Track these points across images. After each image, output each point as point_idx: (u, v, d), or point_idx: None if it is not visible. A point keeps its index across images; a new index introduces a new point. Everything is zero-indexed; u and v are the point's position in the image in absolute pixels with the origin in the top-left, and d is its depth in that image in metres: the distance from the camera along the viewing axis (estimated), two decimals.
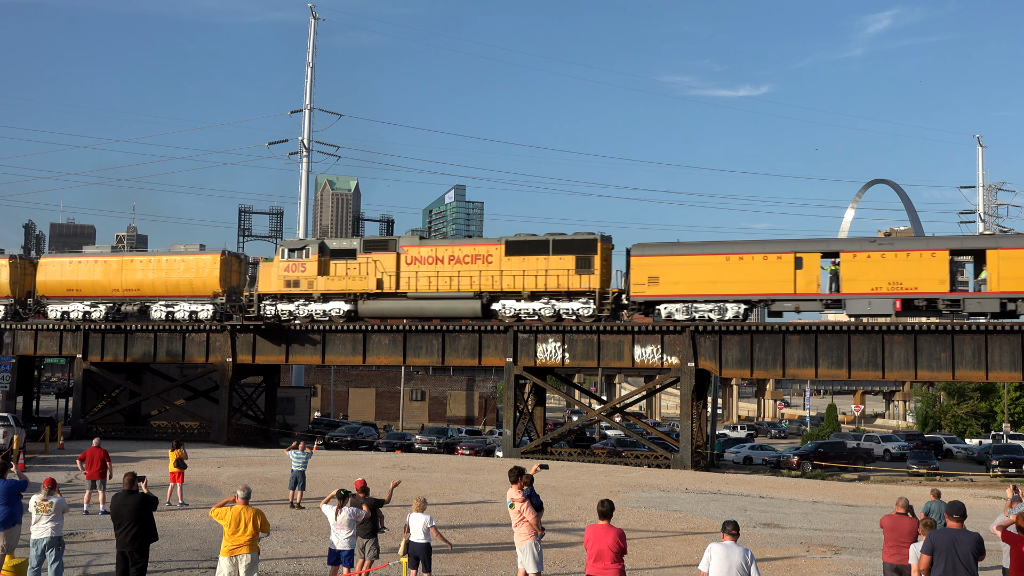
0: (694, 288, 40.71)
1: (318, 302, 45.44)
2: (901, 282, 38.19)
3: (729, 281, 40.28)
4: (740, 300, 40.33)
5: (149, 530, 12.63)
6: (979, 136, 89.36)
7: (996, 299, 37.37)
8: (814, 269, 39.53)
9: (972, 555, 9.89)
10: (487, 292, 43.06)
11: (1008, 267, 37.23)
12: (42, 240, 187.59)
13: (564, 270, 41.86)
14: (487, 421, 79.21)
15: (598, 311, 41.70)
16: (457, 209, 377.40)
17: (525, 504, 13.37)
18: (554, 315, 42.35)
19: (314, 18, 73.75)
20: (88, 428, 47.57)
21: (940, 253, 38.10)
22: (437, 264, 43.90)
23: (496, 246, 43.48)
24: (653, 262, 41.18)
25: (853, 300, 38.72)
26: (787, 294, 39.64)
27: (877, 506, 28.74)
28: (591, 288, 41.62)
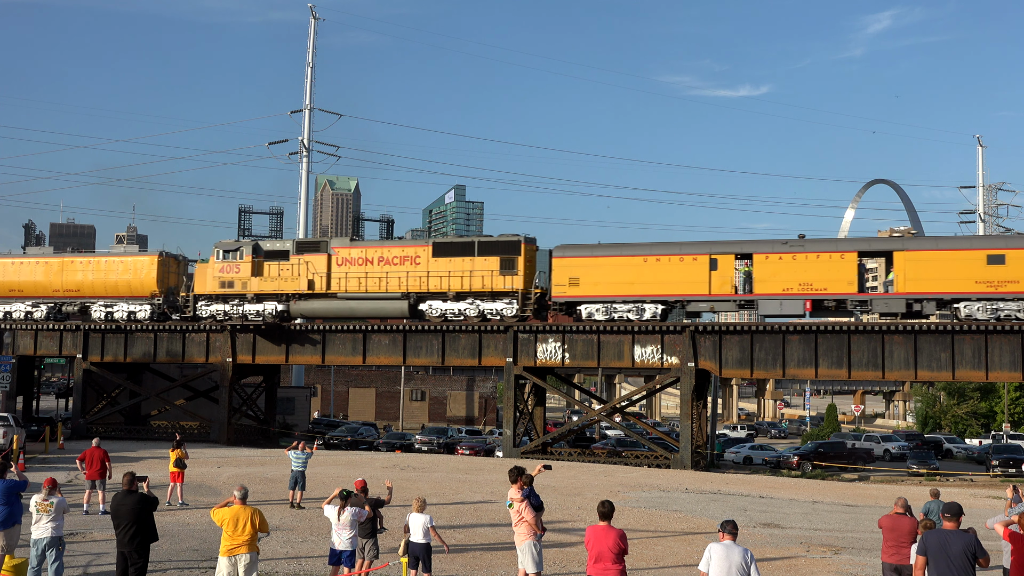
0: (613, 289, 41.62)
1: (252, 303, 46.36)
2: (811, 283, 39.14)
3: (647, 282, 41.21)
4: (658, 301, 41.28)
5: (148, 530, 12.61)
6: (979, 136, 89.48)
7: (902, 300, 38.46)
8: (728, 270, 40.35)
9: (965, 555, 9.89)
10: (414, 293, 44.01)
11: (913, 268, 38.32)
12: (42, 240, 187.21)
13: (489, 271, 42.78)
14: (487, 421, 79.20)
15: (521, 311, 42.56)
16: (457, 209, 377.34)
17: (524, 504, 13.38)
18: (478, 315, 43.23)
19: (314, 18, 73.78)
20: (88, 428, 47.57)
21: (849, 255, 39.12)
22: (367, 265, 44.84)
23: (424, 248, 44.52)
24: (574, 263, 42.12)
25: (765, 301, 39.72)
26: (702, 295, 40.57)
27: (877, 506, 28.73)
28: (514, 289, 42.51)
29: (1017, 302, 37.37)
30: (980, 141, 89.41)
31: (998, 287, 37.41)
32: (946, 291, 38.00)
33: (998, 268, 37.41)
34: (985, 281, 37.52)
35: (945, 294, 38.08)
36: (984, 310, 37.73)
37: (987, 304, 37.69)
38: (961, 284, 37.75)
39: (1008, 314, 37.50)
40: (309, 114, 72.89)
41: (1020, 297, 37.26)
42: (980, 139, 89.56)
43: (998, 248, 38.04)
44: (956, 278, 37.78)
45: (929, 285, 38.10)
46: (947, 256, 38.18)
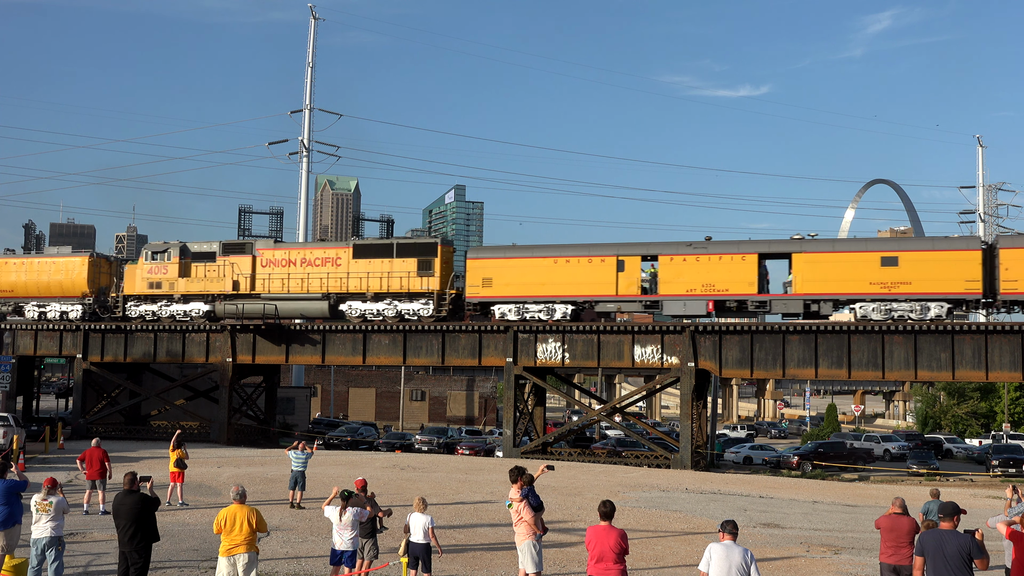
0: (524, 290, 42.55)
1: (179, 303, 47.42)
2: (714, 284, 40.12)
3: (557, 283, 42.10)
4: (567, 301, 42.09)
5: (149, 530, 12.60)
6: (979, 136, 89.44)
7: (800, 300, 39.38)
8: (635, 272, 41.29)
9: (960, 556, 9.90)
10: (335, 293, 44.97)
11: (811, 270, 39.23)
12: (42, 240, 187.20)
13: (406, 272, 43.82)
14: (487, 421, 79.18)
15: (437, 311, 43.46)
16: (457, 209, 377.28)
17: (523, 503, 13.38)
18: (396, 315, 44.10)
19: (314, 18, 73.77)
20: (88, 428, 47.56)
21: (750, 257, 40.01)
22: (290, 267, 45.91)
23: (344, 249, 45.50)
24: (487, 265, 43.14)
25: (669, 301, 40.66)
26: (610, 295, 41.46)
27: (877, 506, 28.72)
28: (431, 289, 43.49)
29: (909, 303, 38.36)
30: (980, 141, 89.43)
31: (892, 288, 38.36)
32: (842, 292, 39.01)
33: (892, 270, 38.36)
34: (879, 282, 38.45)
35: (841, 295, 39.09)
36: (879, 311, 38.64)
37: (881, 305, 38.61)
38: (856, 285, 38.69)
39: (901, 315, 38.42)
40: (309, 114, 72.89)
41: (912, 298, 38.27)
42: (980, 139, 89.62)
43: (891, 250, 39.00)
44: (852, 279, 38.71)
45: (826, 286, 39.03)
46: (843, 258, 39.13)
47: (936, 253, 38.35)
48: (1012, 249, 37.54)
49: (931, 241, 39.67)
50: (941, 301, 38.17)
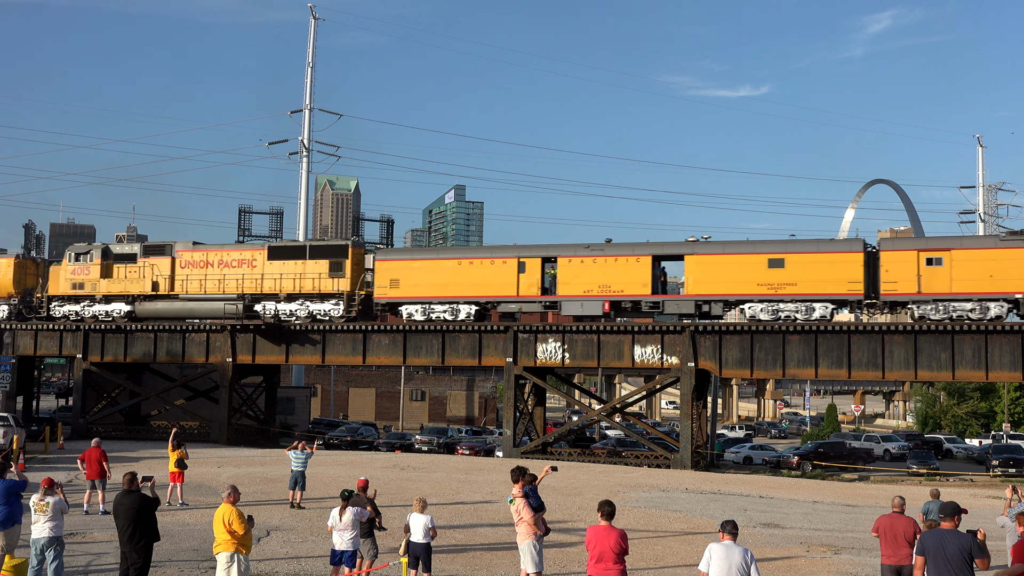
0: (430, 290, 43.73)
1: (101, 303, 48.23)
2: (610, 285, 41.19)
3: (461, 284, 43.27)
4: (471, 302, 43.23)
5: (149, 530, 12.61)
6: (979, 136, 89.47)
7: (691, 301, 40.56)
8: (535, 273, 42.37)
9: (961, 555, 9.89)
10: (249, 294, 45.95)
11: (702, 271, 40.46)
12: (42, 240, 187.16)
13: (318, 274, 44.86)
14: (487, 421, 79.16)
15: (347, 312, 44.33)
16: (457, 209, 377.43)
17: (523, 503, 13.36)
18: (308, 316, 45.11)
19: (314, 18, 73.79)
20: (88, 428, 47.55)
21: (644, 259, 41.09)
22: (207, 268, 46.96)
23: (260, 251, 46.75)
24: (394, 266, 44.35)
25: (568, 302, 41.76)
26: (511, 296, 42.58)
27: (877, 506, 28.71)
28: (341, 290, 44.43)
29: (795, 303, 39.36)
30: (980, 141, 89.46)
31: (778, 289, 39.36)
32: (731, 293, 40.09)
33: (778, 271, 39.39)
34: (766, 283, 39.50)
35: (730, 296, 40.16)
36: (766, 311, 39.65)
37: (768, 305, 39.63)
38: (745, 286, 39.76)
39: (787, 315, 39.40)
40: (309, 114, 72.91)
41: (797, 299, 39.27)
42: (980, 139, 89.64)
43: (778, 252, 39.88)
44: (740, 281, 39.77)
45: (716, 287, 40.14)
46: (732, 260, 40.13)
47: (820, 255, 39.37)
48: (892, 252, 38.69)
49: (816, 243, 40.69)
50: (826, 302, 39.21)
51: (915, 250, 38.49)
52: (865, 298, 38.87)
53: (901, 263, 38.25)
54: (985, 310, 37.71)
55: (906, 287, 38.12)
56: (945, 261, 37.96)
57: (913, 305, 38.54)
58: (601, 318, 42.15)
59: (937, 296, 37.95)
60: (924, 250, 38.40)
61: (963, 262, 37.79)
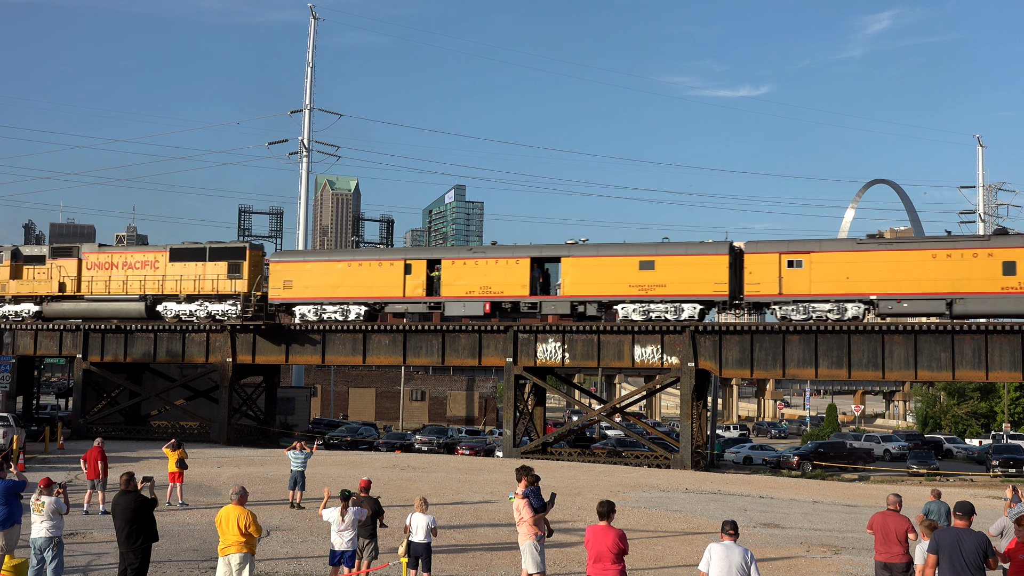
0: (322, 292, 44.98)
1: (11, 303, 49.54)
2: (491, 286, 42.48)
3: (351, 285, 44.54)
4: (361, 303, 44.43)
5: (147, 530, 12.58)
6: (979, 136, 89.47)
7: (567, 302, 41.80)
8: (420, 275, 43.72)
9: (978, 554, 9.86)
10: (151, 295, 47.25)
11: (577, 273, 41.63)
12: (42, 240, 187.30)
13: (217, 275, 46.16)
14: (487, 421, 79.15)
15: (243, 312, 45.47)
16: (457, 209, 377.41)
17: (524, 503, 13.32)
18: (207, 316, 46.37)
19: (314, 18, 73.79)
20: (88, 428, 47.55)
21: (523, 261, 42.36)
22: (112, 269, 48.19)
23: (162, 253, 47.84)
24: (288, 268, 45.70)
25: (451, 303, 43.08)
26: (398, 297, 43.93)
27: (877, 506, 28.61)
28: (239, 292, 45.67)
29: (664, 304, 40.56)
30: (980, 141, 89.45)
31: (648, 290, 40.62)
32: (605, 294, 41.29)
33: (648, 273, 40.64)
34: (637, 285, 40.72)
35: (604, 297, 41.35)
36: (638, 312, 40.83)
37: (640, 306, 40.79)
38: (617, 288, 40.97)
39: (657, 315, 40.56)
40: (309, 114, 72.90)
41: (666, 300, 40.51)
42: (980, 139, 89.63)
43: (648, 255, 41.07)
44: (613, 282, 41.03)
45: (590, 288, 41.36)
46: (605, 262, 41.33)
47: (688, 257, 40.50)
48: (755, 254, 39.88)
49: (684, 246, 41.61)
50: (694, 303, 40.37)
51: (777, 253, 39.65)
52: (731, 299, 40.10)
53: (764, 265, 39.51)
54: (843, 311, 38.99)
55: (768, 288, 39.42)
56: (805, 263, 39.23)
57: (775, 306, 39.81)
58: (482, 318, 43.45)
59: (797, 297, 39.24)
60: (785, 253, 39.63)
61: (822, 264, 39.09)
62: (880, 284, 38.33)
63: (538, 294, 42.28)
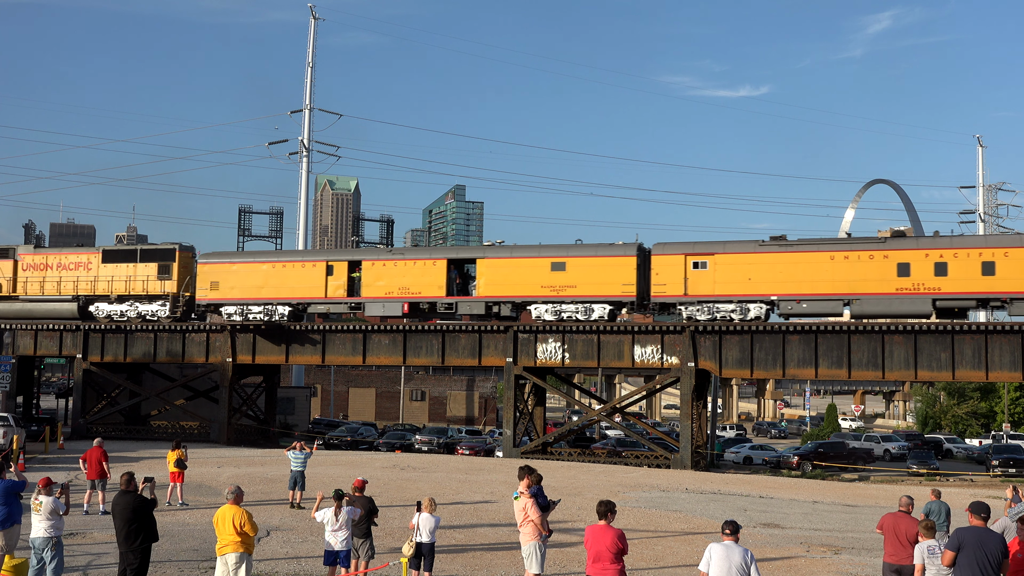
0: (247, 292, 45.88)
1: None
2: (409, 287, 43.49)
3: (276, 286, 45.56)
4: (285, 303, 45.41)
5: (146, 531, 12.57)
6: (979, 136, 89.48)
7: (482, 302, 42.67)
8: (342, 276, 44.64)
9: (1000, 554, 9.84)
10: (84, 295, 48.02)
11: (492, 274, 42.54)
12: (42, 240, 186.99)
13: (147, 276, 47.16)
14: (487, 421, 79.15)
15: (172, 312, 46.69)
16: (457, 209, 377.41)
17: (531, 502, 13.20)
18: (138, 316, 47.29)
19: (314, 18, 73.81)
20: (88, 428, 47.56)
21: (440, 262, 43.48)
22: (47, 271, 48.98)
23: (95, 254, 48.68)
24: (214, 269, 46.56)
25: (370, 303, 44.06)
26: (320, 298, 44.89)
27: (877, 506, 28.73)
28: (168, 292, 46.75)
29: (575, 304, 41.29)
30: (980, 141, 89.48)
31: (560, 291, 41.48)
32: (518, 295, 42.18)
33: (560, 274, 41.51)
34: (549, 286, 41.59)
35: (517, 297, 42.24)
36: (549, 312, 41.71)
37: (552, 307, 41.65)
38: (530, 289, 41.91)
39: (568, 315, 41.40)
40: (309, 114, 72.91)
41: (577, 300, 41.29)
42: (980, 139, 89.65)
43: (560, 256, 41.96)
44: (526, 283, 41.97)
45: (504, 289, 42.26)
46: (519, 263, 42.29)
47: (597, 259, 41.26)
48: (662, 256, 40.78)
49: (594, 248, 42.22)
50: (604, 303, 41.06)
51: (682, 254, 40.54)
52: (638, 299, 40.88)
53: (670, 267, 40.38)
54: (746, 311, 39.82)
55: (674, 289, 40.28)
56: (709, 265, 40.19)
57: (681, 306, 40.55)
58: (401, 318, 44.26)
59: (702, 298, 40.10)
60: (691, 254, 40.53)
61: (725, 266, 39.97)
62: (780, 285, 39.22)
63: (455, 295, 43.07)
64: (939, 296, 37.75)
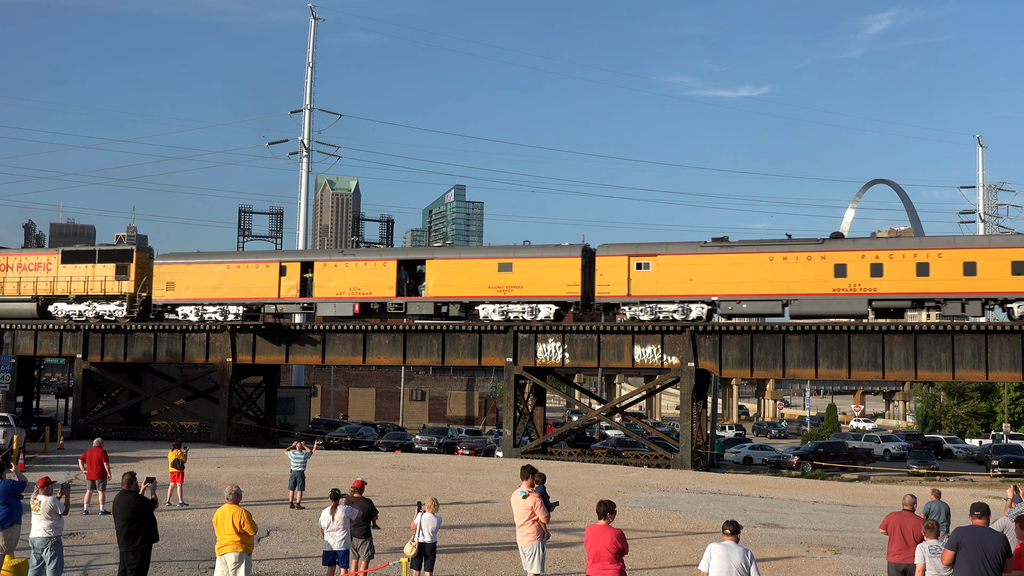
0: (203, 293, 46.54)
1: None
2: (360, 288, 44.09)
3: (231, 287, 46.22)
4: (239, 303, 46.10)
5: (146, 531, 12.58)
6: (979, 136, 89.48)
7: (431, 303, 43.43)
8: (295, 277, 45.31)
9: (1000, 553, 9.82)
10: (43, 295, 48.70)
11: (441, 275, 43.34)
12: (42, 240, 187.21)
13: (105, 276, 47.71)
14: (487, 421, 79.12)
15: (129, 312, 47.20)
16: (457, 209, 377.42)
17: (538, 502, 13.12)
18: (96, 316, 47.80)
19: (314, 18, 73.82)
20: (88, 428, 47.55)
21: (390, 263, 44.21)
22: (7, 271, 49.69)
23: (54, 255, 49.48)
24: (171, 270, 47.23)
25: (323, 303, 44.67)
26: (273, 298, 45.54)
27: (877, 506, 28.74)
28: (125, 292, 47.38)
29: (521, 305, 41.94)
30: (980, 141, 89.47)
31: (507, 292, 42.11)
32: (466, 295, 42.90)
33: (507, 275, 42.18)
34: (497, 286, 42.23)
35: (465, 298, 42.97)
36: (497, 312, 42.31)
37: (499, 307, 42.25)
38: (478, 289, 42.60)
39: (515, 315, 42.02)
40: (309, 114, 72.90)
41: (523, 301, 41.92)
42: (980, 139, 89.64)
43: (507, 257, 42.67)
44: (474, 284, 42.66)
45: (453, 290, 43.00)
46: (467, 265, 43.08)
47: (543, 260, 41.98)
48: (606, 257, 41.36)
49: (540, 249, 42.97)
50: (550, 303, 41.68)
51: (626, 255, 41.07)
52: (583, 300, 41.41)
53: (614, 268, 40.92)
54: (688, 311, 40.47)
55: (617, 290, 40.84)
56: (652, 266, 40.74)
57: (625, 307, 41.04)
58: (351, 319, 44.69)
59: (645, 298, 40.62)
60: (634, 255, 41.07)
61: (667, 267, 40.53)
62: (721, 286, 39.85)
63: (405, 295, 43.65)
64: (875, 297, 38.39)
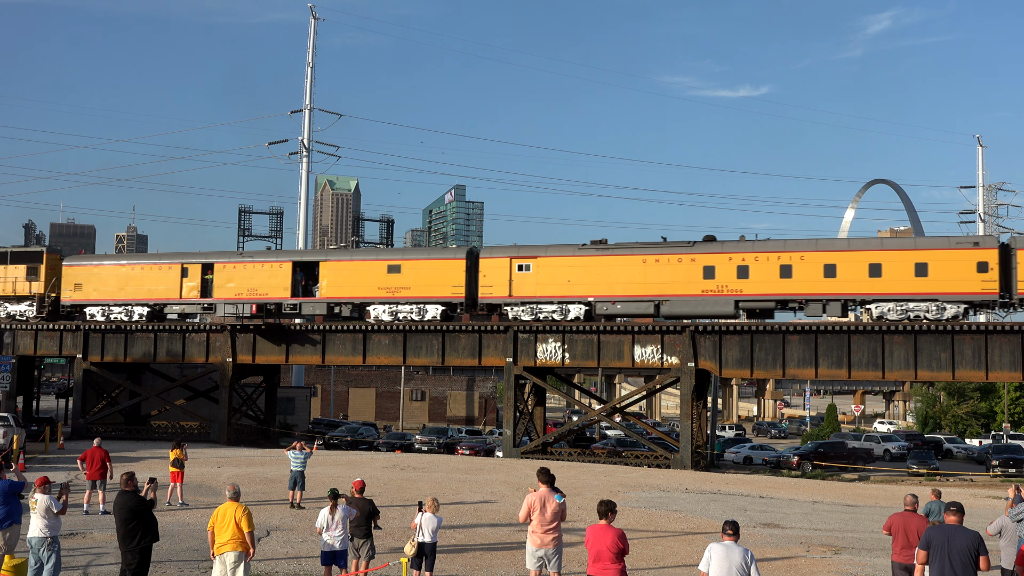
0: (109, 294, 47.67)
1: None
2: (257, 289, 45.36)
3: (136, 288, 47.27)
4: (143, 304, 47.20)
5: (145, 530, 12.57)
6: (979, 136, 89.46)
7: (324, 303, 44.63)
8: (196, 278, 46.43)
9: (968, 552, 9.86)
10: None
11: (334, 276, 44.46)
12: (42, 240, 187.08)
13: (16, 277, 48.75)
14: (487, 421, 79.13)
15: (39, 313, 48.39)
16: (457, 209, 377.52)
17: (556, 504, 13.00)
18: (7, 316, 49.05)
19: (314, 18, 73.81)
20: (88, 428, 47.55)
21: (285, 265, 45.46)
22: None
23: None
24: (78, 271, 48.46)
25: (222, 304, 45.93)
26: (176, 299, 46.72)
27: (877, 506, 28.75)
28: (35, 293, 48.43)
29: (409, 305, 43.33)
30: (980, 141, 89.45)
31: (396, 293, 43.43)
32: (357, 296, 44.08)
33: (396, 276, 43.48)
34: (386, 288, 43.52)
35: (356, 299, 44.13)
36: (386, 312, 43.63)
37: (389, 307, 43.62)
38: (368, 290, 43.80)
39: (404, 315, 43.26)
40: (309, 114, 72.90)
41: (412, 301, 43.31)
42: (980, 139, 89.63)
43: (396, 259, 44.25)
44: (364, 285, 43.86)
45: (345, 291, 44.19)
46: (358, 266, 44.35)
47: (430, 262, 43.54)
48: (490, 259, 42.75)
49: (427, 251, 44.64)
50: (436, 304, 43.02)
51: (508, 257, 42.41)
52: (467, 301, 42.59)
53: (496, 269, 42.28)
54: (566, 312, 41.60)
55: (500, 291, 42.21)
56: (533, 268, 41.98)
57: (507, 307, 42.34)
58: (249, 319, 45.56)
59: (525, 299, 41.91)
60: (516, 257, 42.34)
61: (546, 269, 41.75)
62: (597, 287, 41.05)
63: (300, 296, 44.74)
64: (741, 298, 39.65)
